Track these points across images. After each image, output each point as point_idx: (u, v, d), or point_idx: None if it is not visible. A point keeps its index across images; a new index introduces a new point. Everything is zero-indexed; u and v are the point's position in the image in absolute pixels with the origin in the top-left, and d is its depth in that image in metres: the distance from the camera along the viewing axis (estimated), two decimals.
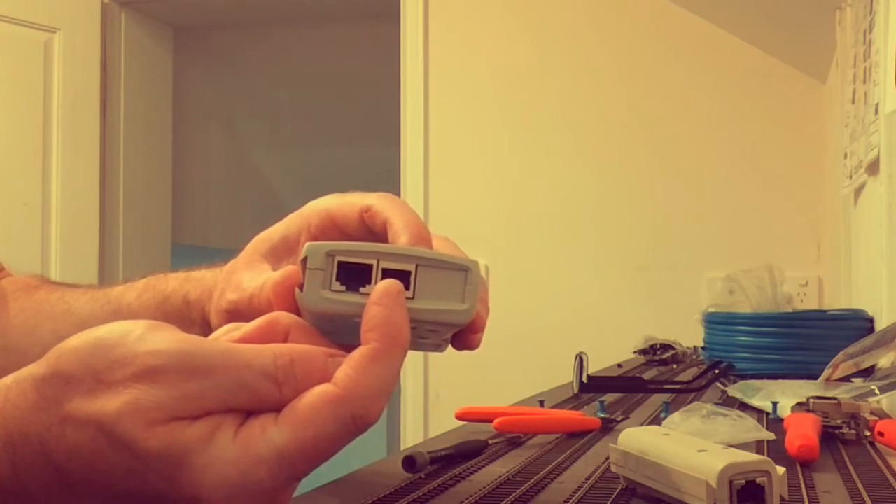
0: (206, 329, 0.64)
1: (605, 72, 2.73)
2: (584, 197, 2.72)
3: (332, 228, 0.59)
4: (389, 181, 2.87)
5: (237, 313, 0.59)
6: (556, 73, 2.76)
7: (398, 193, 2.81)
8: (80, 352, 0.41)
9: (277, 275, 0.51)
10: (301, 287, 0.47)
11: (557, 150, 2.74)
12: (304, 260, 0.46)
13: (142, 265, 3.24)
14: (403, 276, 0.46)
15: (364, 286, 0.46)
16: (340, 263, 0.46)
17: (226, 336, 0.45)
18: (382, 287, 0.44)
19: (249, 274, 0.60)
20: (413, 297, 0.46)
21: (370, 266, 0.46)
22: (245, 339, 0.44)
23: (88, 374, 0.40)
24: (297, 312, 0.48)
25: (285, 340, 0.45)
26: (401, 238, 0.54)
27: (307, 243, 0.47)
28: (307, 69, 3.93)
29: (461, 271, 0.47)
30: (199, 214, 3.91)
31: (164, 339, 0.41)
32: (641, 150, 2.69)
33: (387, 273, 0.46)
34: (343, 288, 0.46)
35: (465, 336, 0.54)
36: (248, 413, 0.41)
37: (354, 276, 0.46)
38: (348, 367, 0.42)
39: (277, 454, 0.40)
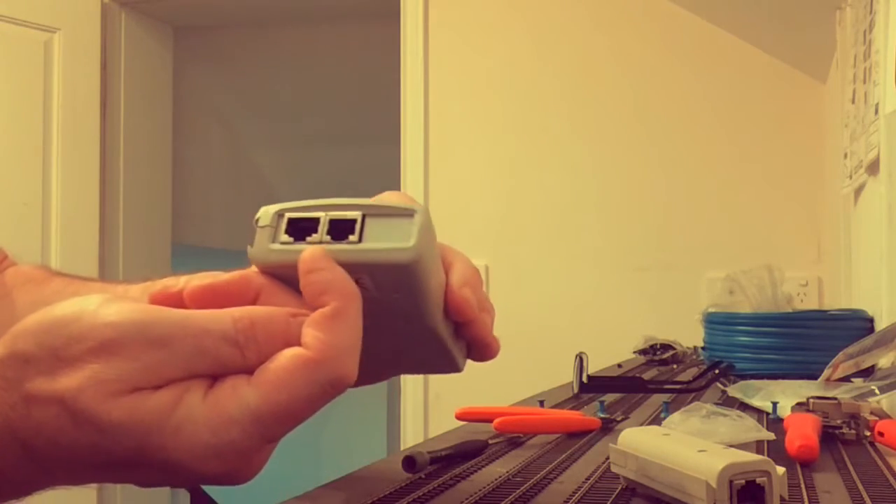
0: None
1: (606, 72, 2.73)
2: (584, 197, 2.72)
3: None
4: (389, 181, 2.87)
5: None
6: (556, 73, 2.75)
7: None
8: (36, 331, 0.41)
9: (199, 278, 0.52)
10: (252, 244, 0.47)
11: (557, 150, 2.74)
12: (257, 220, 0.47)
13: (142, 265, 3.24)
14: (349, 225, 0.46)
15: (310, 236, 0.46)
16: (290, 220, 0.47)
17: (198, 282, 0.45)
18: (308, 254, 0.44)
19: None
20: (359, 242, 0.46)
21: (317, 219, 0.46)
22: (217, 289, 0.45)
23: (46, 352, 0.40)
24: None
25: (255, 299, 0.45)
26: None
27: (262, 207, 0.48)
28: (307, 69, 3.92)
29: (407, 216, 0.47)
30: (199, 214, 3.91)
31: (120, 311, 0.41)
32: (641, 150, 2.69)
33: (333, 223, 0.46)
34: (291, 240, 0.47)
35: (478, 346, 0.55)
36: (215, 378, 0.41)
37: (302, 229, 0.47)
38: (315, 329, 0.42)
39: (250, 414, 0.40)
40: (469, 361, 0.59)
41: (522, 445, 0.81)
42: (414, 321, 0.51)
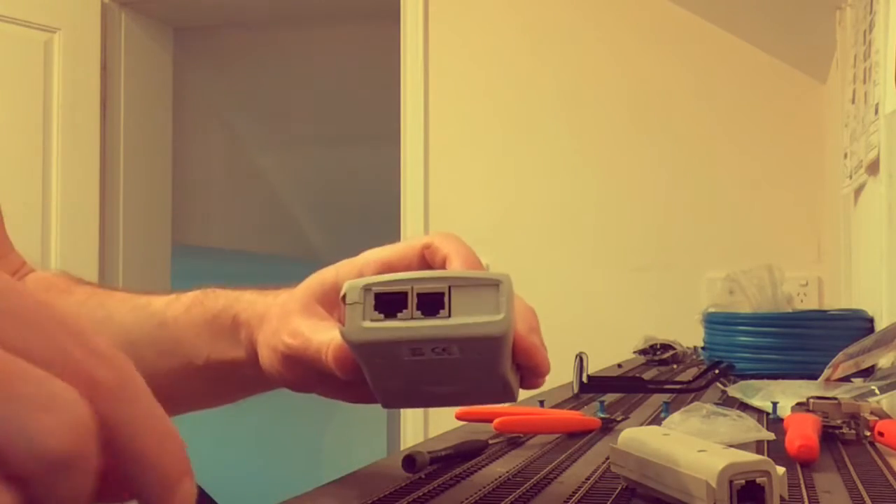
0: (251, 352, 0.64)
1: (605, 71, 2.73)
2: (584, 197, 2.72)
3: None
4: (389, 181, 2.87)
5: (294, 358, 0.59)
6: (556, 73, 2.76)
7: (398, 193, 2.81)
8: None
9: (337, 343, 0.53)
10: (342, 322, 0.48)
11: (557, 150, 2.74)
12: (343, 297, 0.48)
13: (142, 265, 3.25)
14: (438, 298, 0.48)
15: (401, 311, 0.47)
16: (377, 295, 0.48)
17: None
18: None
19: (307, 322, 0.59)
20: (449, 316, 0.47)
21: (405, 293, 0.48)
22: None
23: None
24: (360, 376, 0.51)
25: None
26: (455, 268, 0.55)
27: (346, 282, 0.49)
28: (307, 69, 3.92)
29: (492, 286, 0.48)
30: (199, 214, 3.91)
31: None
32: (641, 150, 2.69)
33: (421, 297, 0.48)
34: (381, 316, 0.48)
35: (534, 376, 0.56)
36: None
37: (391, 304, 0.48)
38: None
39: None
40: None
41: (522, 445, 0.81)
42: (486, 369, 0.52)
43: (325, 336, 0.57)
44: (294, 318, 0.60)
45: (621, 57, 2.72)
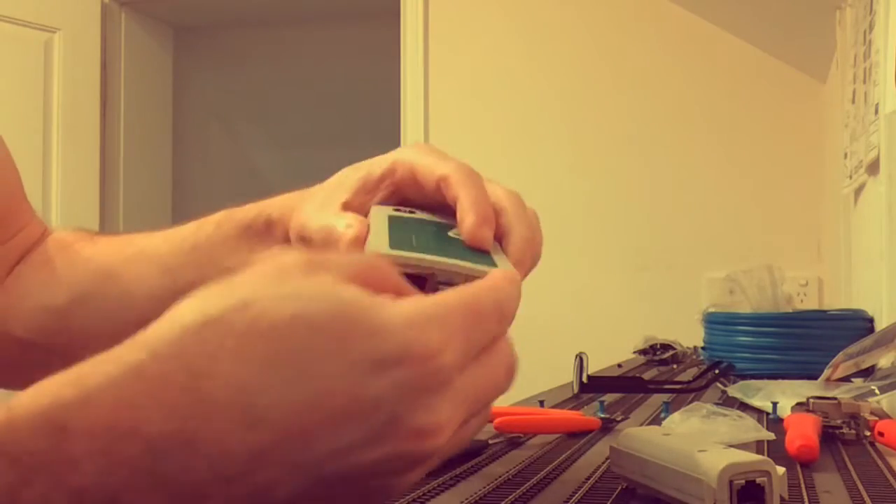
0: (287, 244, 0.63)
1: (605, 71, 2.73)
2: (584, 197, 2.72)
3: (412, 185, 0.58)
4: None
5: (306, 244, 0.59)
6: (556, 73, 2.76)
7: None
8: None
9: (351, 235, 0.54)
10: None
11: (558, 150, 2.74)
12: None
13: None
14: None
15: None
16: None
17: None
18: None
19: (318, 215, 0.59)
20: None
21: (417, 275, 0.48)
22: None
23: None
24: None
25: None
26: (465, 220, 0.53)
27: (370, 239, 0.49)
28: (307, 69, 3.93)
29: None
30: (199, 214, 3.90)
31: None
32: (641, 149, 2.69)
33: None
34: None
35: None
36: None
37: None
38: None
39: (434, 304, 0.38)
40: None
41: (522, 445, 0.81)
42: None
43: (340, 223, 0.56)
44: (317, 205, 0.60)
45: (621, 57, 2.72)
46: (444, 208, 0.57)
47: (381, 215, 0.55)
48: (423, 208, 0.58)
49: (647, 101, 2.69)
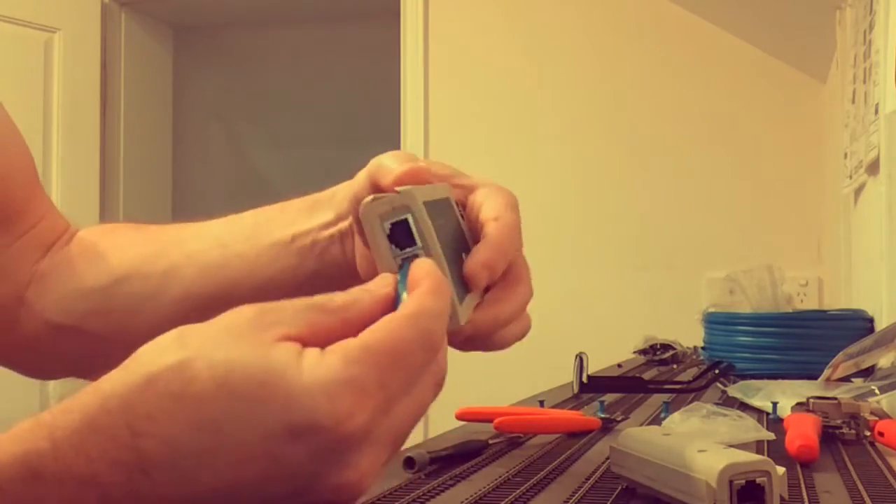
0: (341, 211, 0.64)
1: (605, 71, 2.73)
2: (584, 196, 2.72)
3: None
4: None
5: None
6: (555, 73, 2.76)
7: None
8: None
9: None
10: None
11: (557, 150, 2.74)
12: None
13: None
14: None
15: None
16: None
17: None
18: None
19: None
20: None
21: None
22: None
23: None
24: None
25: None
26: (478, 254, 0.53)
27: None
28: (307, 69, 3.92)
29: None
30: (199, 214, 3.90)
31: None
32: (641, 149, 2.69)
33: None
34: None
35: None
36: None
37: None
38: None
39: (360, 347, 0.39)
40: (469, 361, 0.58)
41: (522, 445, 0.81)
42: None
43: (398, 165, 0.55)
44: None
45: (621, 57, 2.72)
46: None
47: (432, 191, 0.53)
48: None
49: (647, 101, 2.69)
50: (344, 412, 0.37)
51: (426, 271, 0.43)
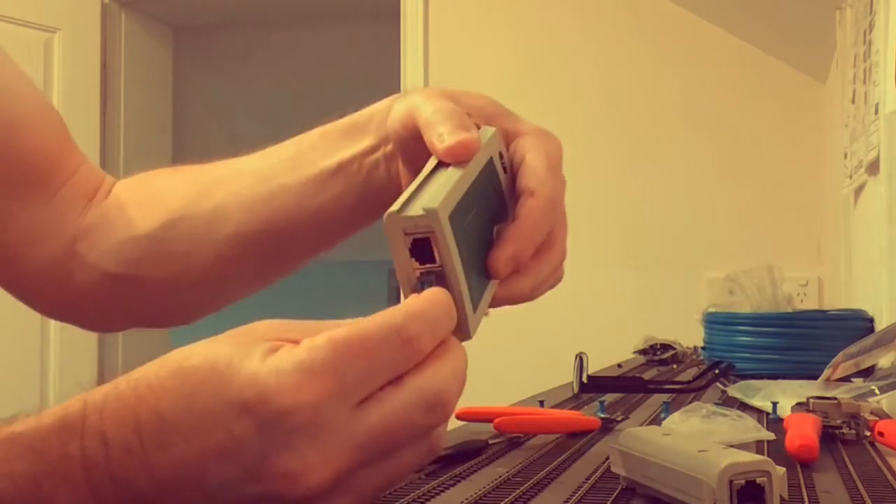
0: (381, 135, 0.64)
1: (605, 71, 2.73)
2: (584, 196, 2.72)
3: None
4: None
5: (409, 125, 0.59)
6: (555, 73, 2.76)
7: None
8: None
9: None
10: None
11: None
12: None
13: None
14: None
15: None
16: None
17: None
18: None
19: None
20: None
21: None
22: None
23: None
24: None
25: None
26: (503, 252, 0.53)
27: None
28: (307, 69, 3.93)
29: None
30: None
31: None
32: (641, 149, 2.69)
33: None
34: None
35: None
36: None
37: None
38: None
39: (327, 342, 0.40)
40: (468, 361, 0.57)
41: (522, 445, 0.81)
42: None
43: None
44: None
45: (621, 57, 2.72)
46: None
47: (471, 169, 0.52)
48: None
49: (646, 101, 2.69)
50: (289, 387, 0.38)
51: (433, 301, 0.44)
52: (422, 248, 0.46)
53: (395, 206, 0.47)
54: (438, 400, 0.42)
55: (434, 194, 0.48)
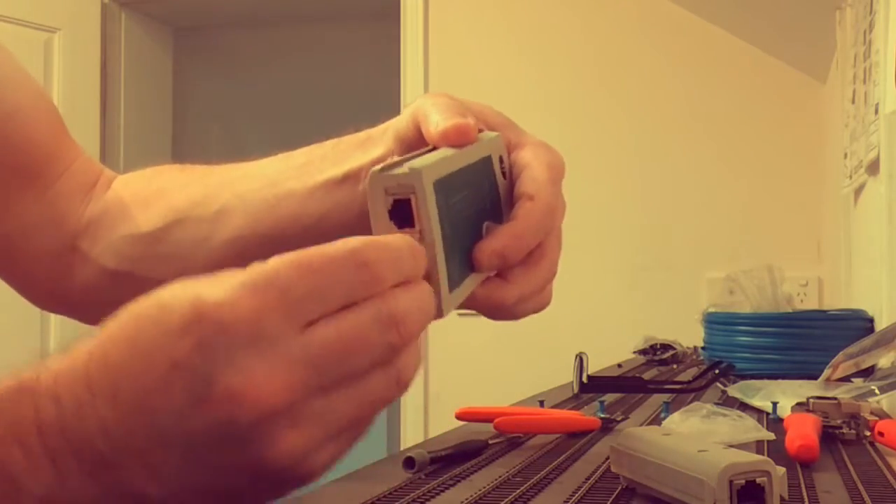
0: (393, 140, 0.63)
1: (605, 71, 2.73)
2: (584, 196, 2.72)
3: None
4: None
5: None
6: (555, 73, 2.76)
7: None
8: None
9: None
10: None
11: (557, 149, 2.74)
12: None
13: None
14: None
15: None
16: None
17: None
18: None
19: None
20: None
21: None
22: None
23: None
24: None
25: None
26: (491, 245, 0.52)
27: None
28: (307, 69, 3.92)
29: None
30: None
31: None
32: (641, 149, 2.69)
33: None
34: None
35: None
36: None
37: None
38: None
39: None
40: (469, 361, 0.57)
41: (522, 445, 0.81)
42: None
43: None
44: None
45: (621, 57, 2.72)
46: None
47: (466, 155, 0.52)
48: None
49: (646, 101, 2.69)
50: (228, 300, 0.37)
51: None
52: (402, 212, 0.45)
53: (378, 166, 0.46)
54: (395, 318, 0.39)
55: (423, 161, 0.47)
